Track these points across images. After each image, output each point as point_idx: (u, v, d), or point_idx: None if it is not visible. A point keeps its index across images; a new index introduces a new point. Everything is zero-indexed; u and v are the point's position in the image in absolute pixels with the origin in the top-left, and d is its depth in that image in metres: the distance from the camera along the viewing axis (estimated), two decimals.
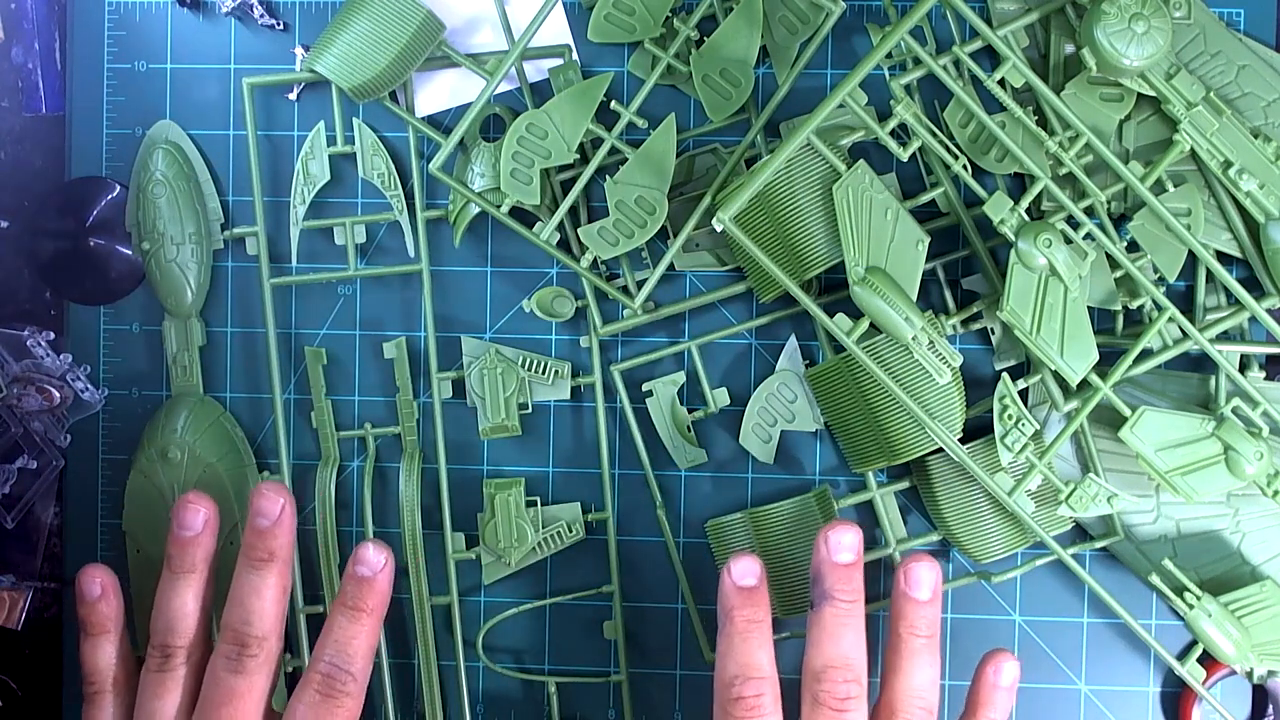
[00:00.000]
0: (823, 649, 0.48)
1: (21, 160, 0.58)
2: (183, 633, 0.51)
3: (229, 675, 0.49)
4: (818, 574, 0.50)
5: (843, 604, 0.49)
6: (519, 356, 0.55)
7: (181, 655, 0.50)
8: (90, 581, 0.52)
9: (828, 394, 0.55)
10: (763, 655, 0.48)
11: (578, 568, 0.57)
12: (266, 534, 0.51)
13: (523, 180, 0.52)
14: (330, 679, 0.49)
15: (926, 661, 0.49)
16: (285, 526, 0.51)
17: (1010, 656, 0.50)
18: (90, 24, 0.57)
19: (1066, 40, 0.53)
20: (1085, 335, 0.50)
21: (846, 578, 0.49)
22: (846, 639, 0.48)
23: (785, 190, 0.50)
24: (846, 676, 0.48)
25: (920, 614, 0.49)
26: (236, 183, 0.57)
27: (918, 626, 0.49)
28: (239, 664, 0.49)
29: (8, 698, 0.58)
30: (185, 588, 0.51)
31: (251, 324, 0.57)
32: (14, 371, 0.56)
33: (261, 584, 0.50)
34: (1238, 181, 0.51)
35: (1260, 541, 0.53)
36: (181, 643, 0.51)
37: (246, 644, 0.49)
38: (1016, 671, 0.50)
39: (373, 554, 0.51)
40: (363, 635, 0.50)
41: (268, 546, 0.51)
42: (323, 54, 0.53)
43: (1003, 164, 0.53)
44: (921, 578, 0.50)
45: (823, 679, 0.48)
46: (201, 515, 0.51)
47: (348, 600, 0.51)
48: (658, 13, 0.53)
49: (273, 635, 0.50)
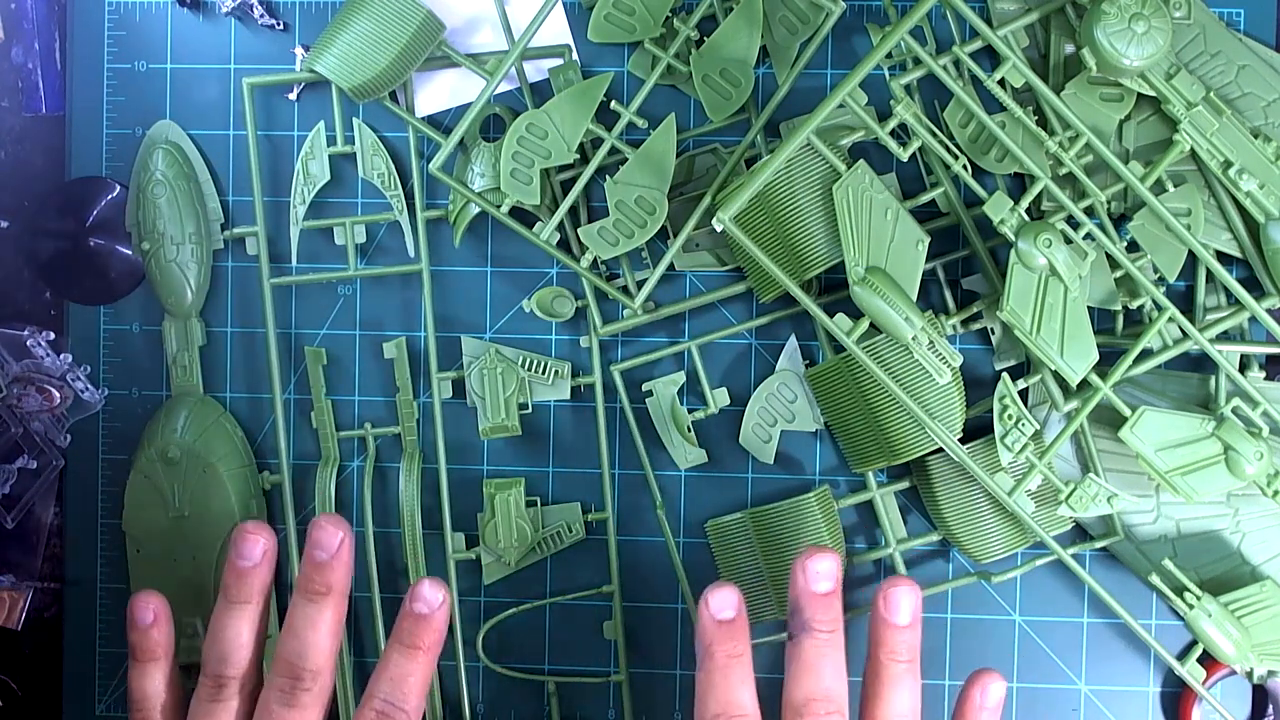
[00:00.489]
0: (803, 682, 0.47)
1: (21, 160, 0.58)
2: (237, 663, 0.50)
3: (282, 709, 0.48)
4: (796, 605, 0.48)
5: (822, 634, 0.48)
6: (519, 356, 0.55)
7: (234, 686, 0.50)
8: (143, 608, 0.51)
9: (828, 394, 0.55)
10: (744, 692, 0.48)
11: (578, 568, 0.57)
12: (325, 567, 0.50)
13: (523, 180, 0.52)
14: (385, 716, 0.49)
15: (907, 686, 0.48)
16: (343, 560, 0.50)
17: (996, 677, 0.49)
18: (90, 24, 0.57)
19: (1066, 40, 0.53)
20: (1085, 335, 0.50)
21: (825, 607, 0.48)
22: (827, 671, 0.47)
23: (785, 190, 0.50)
24: (828, 709, 0.47)
25: (900, 639, 0.48)
26: (236, 183, 0.57)
27: (898, 652, 0.48)
28: (292, 697, 0.48)
29: (8, 698, 0.58)
30: (241, 618, 0.50)
31: (251, 324, 0.57)
32: (14, 371, 0.56)
33: (318, 617, 0.49)
34: (1238, 181, 0.51)
35: (1260, 541, 0.53)
36: (235, 673, 0.50)
37: (300, 677, 0.49)
38: (1002, 692, 0.49)
39: (429, 590, 0.50)
40: (418, 673, 0.50)
41: (325, 580, 0.50)
42: (323, 54, 0.53)
43: (1003, 164, 0.53)
44: (901, 602, 0.48)
45: (804, 712, 0.47)
46: (260, 546, 0.50)
47: (404, 638, 0.50)
48: (658, 13, 0.53)
49: (326, 670, 0.49)
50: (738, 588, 0.49)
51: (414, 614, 0.50)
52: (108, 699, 0.58)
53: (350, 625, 0.53)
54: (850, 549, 0.56)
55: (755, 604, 0.55)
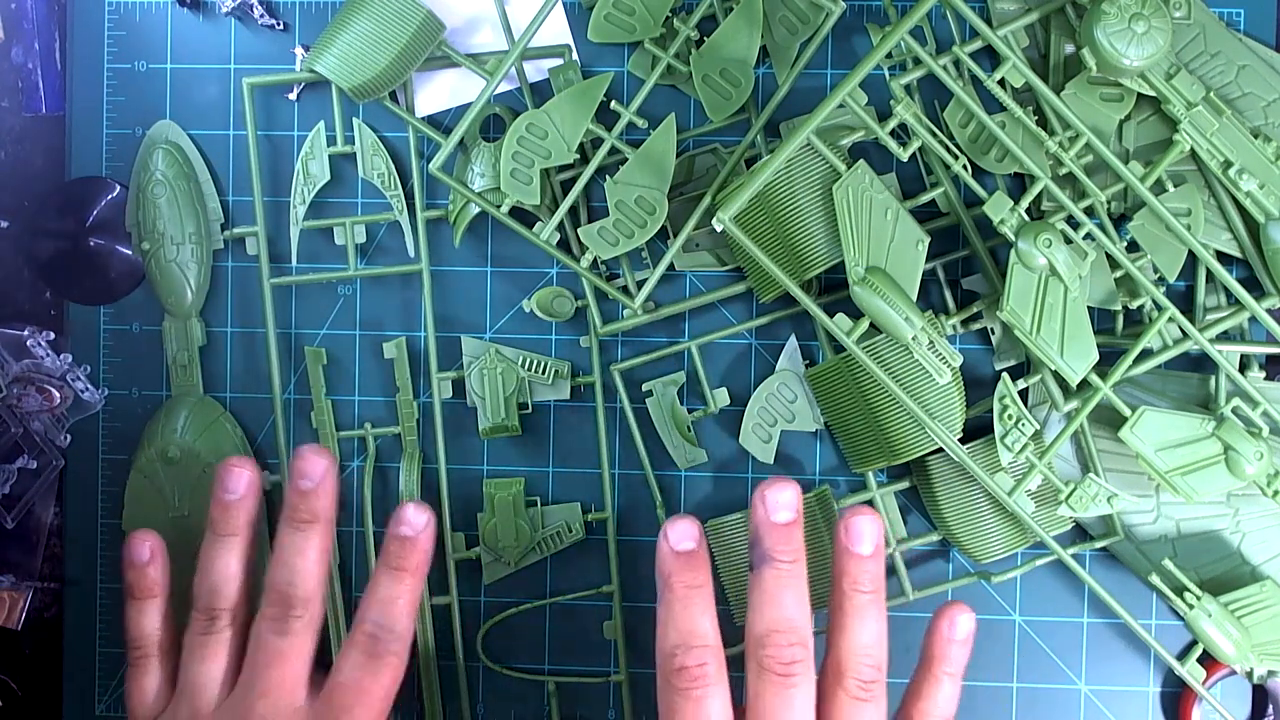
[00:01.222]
0: (764, 613, 0.47)
1: (21, 160, 0.58)
2: (227, 596, 0.50)
3: (275, 637, 0.49)
4: (756, 535, 0.48)
5: (783, 564, 0.47)
6: (519, 356, 0.55)
7: (226, 618, 0.50)
8: (140, 545, 0.52)
9: (828, 394, 0.55)
10: (705, 622, 0.47)
11: (578, 568, 0.57)
12: (310, 495, 0.50)
13: (523, 180, 0.52)
14: (375, 639, 0.49)
15: (872, 616, 0.47)
16: (327, 488, 0.51)
17: (965, 609, 0.49)
18: (90, 24, 0.57)
19: (1066, 40, 0.53)
20: (1085, 335, 0.50)
21: (786, 537, 0.47)
22: (788, 601, 0.47)
23: (785, 190, 0.50)
24: (791, 640, 0.46)
25: (863, 568, 0.48)
26: (236, 183, 0.57)
27: (861, 581, 0.48)
28: (285, 625, 0.49)
29: (8, 698, 0.58)
30: (229, 550, 0.51)
31: (251, 324, 0.57)
32: (14, 371, 0.56)
33: (305, 545, 0.50)
34: (1238, 181, 0.51)
35: (1260, 541, 0.53)
36: (226, 605, 0.50)
37: (292, 605, 0.49)
38: (971, 624, 0.49)
39: (413, 514, 0.51)
40: (406, 595, 0.50)
41: (310, 508, 0.50)
42: (323, 54, 0.53)
43: (1003, 164, 0.53)
44: (862, 531, 0.48)
45: (766, 644, 0.46)
46: (245, 478, 0.51)
47: (390, 560, 0.50)
48: (658, 13, 0.53)
49: (317, 596, 0.50)
50: (698, 520, 0.49)
51: (399, 536, 0.51)
52: (108, 699, 0.58)
53: (340, 559, 0.55)
54: None
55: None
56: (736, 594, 0.55)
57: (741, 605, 0.55)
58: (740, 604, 0.55)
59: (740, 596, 0.55)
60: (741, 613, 0.55)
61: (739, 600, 0.55)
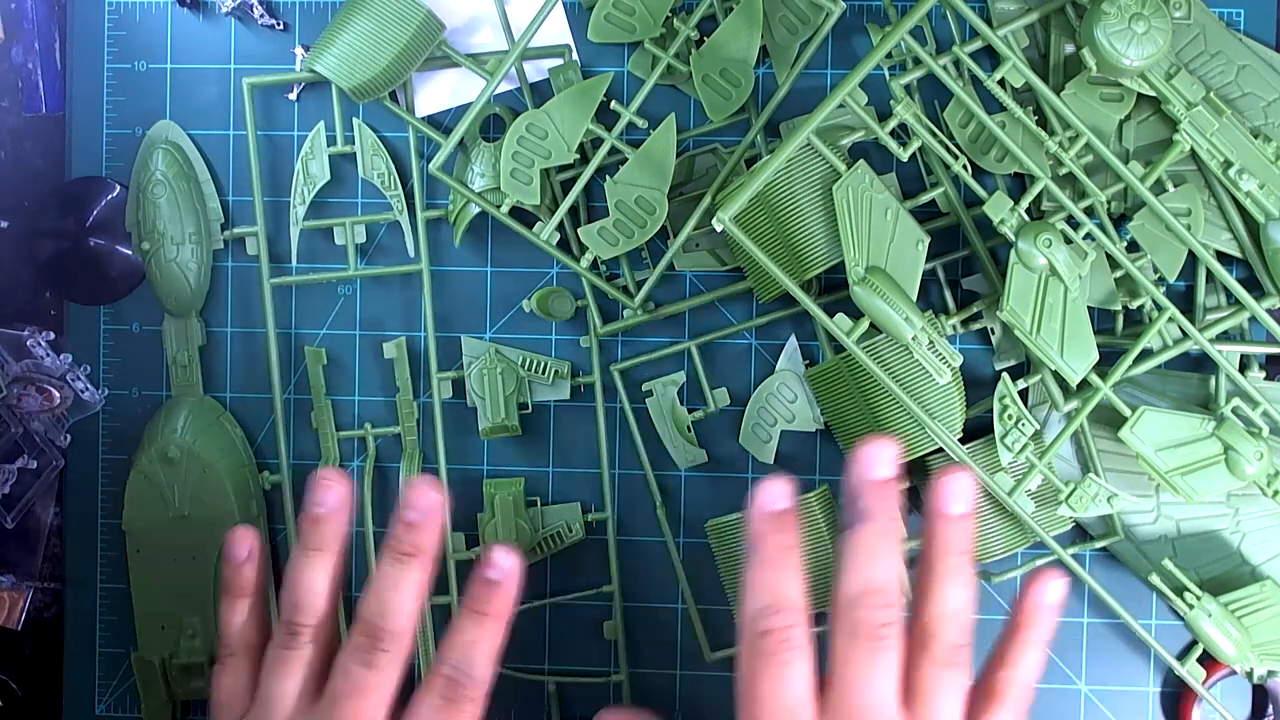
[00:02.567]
0: (859, 572, 0.45)
1: (21, 160, 0.58)
2: (312, 611, 0.49)
3: (359, 668, 0.47)
4: (852, 494, 0.46)
5: (880, 522, 0.45)
6: (519, 356, 0.55)
7: (309, 634, 0.49)
8: (240, 544, 0.51)
9: (828, 394, 0.55)
10: (794, 585, 0.45)
11: (578, 568, 0.57)
12: (416, 529, 0.49)
13: (523, 180, 0.52)
14: (454, 683, 0.48)
15: (962, 581, 0.46)
16: (435, 523, 0.49)
17: (1058, 574, 0.47)
18: (90, 24, 0.57)
19: (1066, 40, 0.53)
20: (1085, 335, 0.50)
21: (884, 494, 0.46)
22: (884, 561, 0.45)
23: (785, 190, 0.50)
24: (884, 601, 0.44)
25: (954, 530, 0.46)
26: (236, 183, 0.57)
27: (952, 544, 0.46)
28: (370, 658, 0.47)
29: (8, 698, 0.58)
30: (316, 565, 0.49)
31: (251, 324, 0.57)
32: (14, 371, 0.56)
33: (402, 579, 0.48)
34: (1238, 181, 0.51)
35: (1260, 541, 0.53)
36: (310, 621, 0.49)
37: (380, 638, 0.47)
38: (1063, 590, 0.48)
39: (502, 558, 0.49)
40: (487, 640, 0.48)
41: (415, 541, 0.49)
42: (323, 54, 0.53)
43: (1003, 164, 0.53)
44: (955, 490, 0.46)
45: (859, 604, 0.44)
46: (337, 493, 0.50)
47: (474, 604, 0.49)
48: (658, 13, 0.53)
49: (407, 632, 0.48)
50: (791, 478, 0.46)
51: (485, 580, 0.49)
52: (108, 699, 0.58)
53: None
54: None
55: None
56: (737, 594, 0.55)
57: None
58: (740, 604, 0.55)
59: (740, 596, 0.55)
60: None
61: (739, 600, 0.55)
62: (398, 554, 0.48)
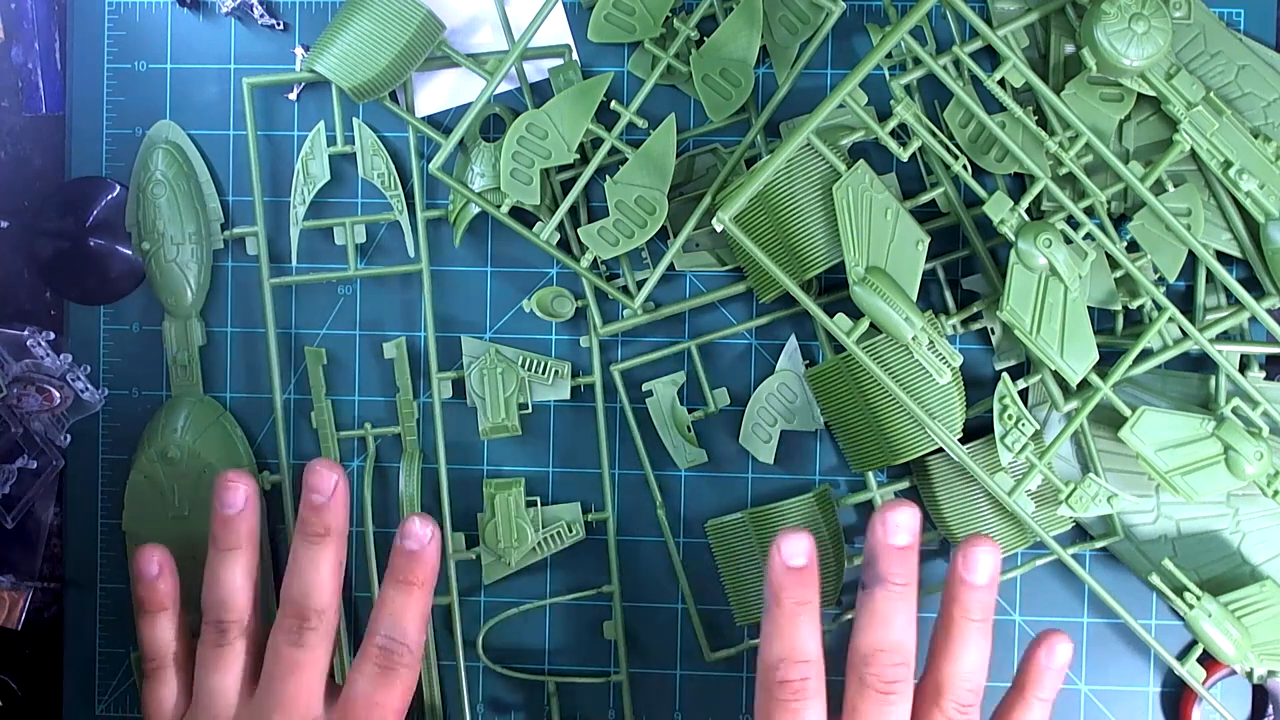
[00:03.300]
0: (873, 632, 0.48)
1: (21, 160, 0.58)
2: (236, 608, 0.51)
3: (291, 649, 0.50)
4: (872, 556, 0.49)
5: (896, 587, 0.48)
6: (519, 356, 0.55)
7: (237, 630, 0.51)
8: (148, 561, 0.53)
9: (828, 394, 0.55)
10: (810, 639, 0.48)
11: (578, 568, 0.57)
12: (322, 509, 0.51)
13: (523, 180, 0.52)
14: (387, 652, 0.50)
15: (977, 644, 0.48)
16: (339, 502, 0.52)
17: (1064, 638, 0.50)
18: (90, 24, 0.57)
19: (1066, 40, 0.53)
20: (1085, 335, 0.50)
21: (902, 560, 0.48)
22: (898, 623, 0.48)
23: (785, 190, 0.50)
24: (895, 660, 0.47)
25: (975, 597, 0.49)
26: (236, 183, 0.57)
27: (971, 610, 0.49)
28: (300, 637, 0.50)
29: (8, 698, 0.58)
30: (233, 564, 0.52)
31: (251, 324, 0.57)
32: (14, 371, 0.56)
33: (319, 558, 0.51)
34: (1238, 181, 0.51)
35: (1260, 541, 0.53)
36: (236, 617, 0.51)
37: (306, 617, 0.50)
38: (1069, 654, 0.50)
39: (418, 527, 0.52)
40: (415, 607, 0.51)
41: (324, 522, 0.51)
42: (323, 54, 0.53)
43: (1003, 164, 0.53)
44: (980, 562, 0.49)
45: (871, 662, 0.47)
46: (242, 492, 0.52)
47: (397, 574, 0.51)
48: (658, 13, 0.53)
49: (331, 608, 0.51)
50: (810, 535, 0.49)
51: (405, 550, 0.52)
52: (108, 699, 0.58)
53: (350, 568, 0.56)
54: (850, 549, 0.56)
55: (755, 604, 0.55)
56: (737, 594, 0.55)
57: (742, 605, 0.55)
58: (740, 604, 0.55)
59: (740, 596, 0.55)
60: (742, 614, 0.55)
61: (739, 600, 0.55)
62: (310, 535, 0.51)
